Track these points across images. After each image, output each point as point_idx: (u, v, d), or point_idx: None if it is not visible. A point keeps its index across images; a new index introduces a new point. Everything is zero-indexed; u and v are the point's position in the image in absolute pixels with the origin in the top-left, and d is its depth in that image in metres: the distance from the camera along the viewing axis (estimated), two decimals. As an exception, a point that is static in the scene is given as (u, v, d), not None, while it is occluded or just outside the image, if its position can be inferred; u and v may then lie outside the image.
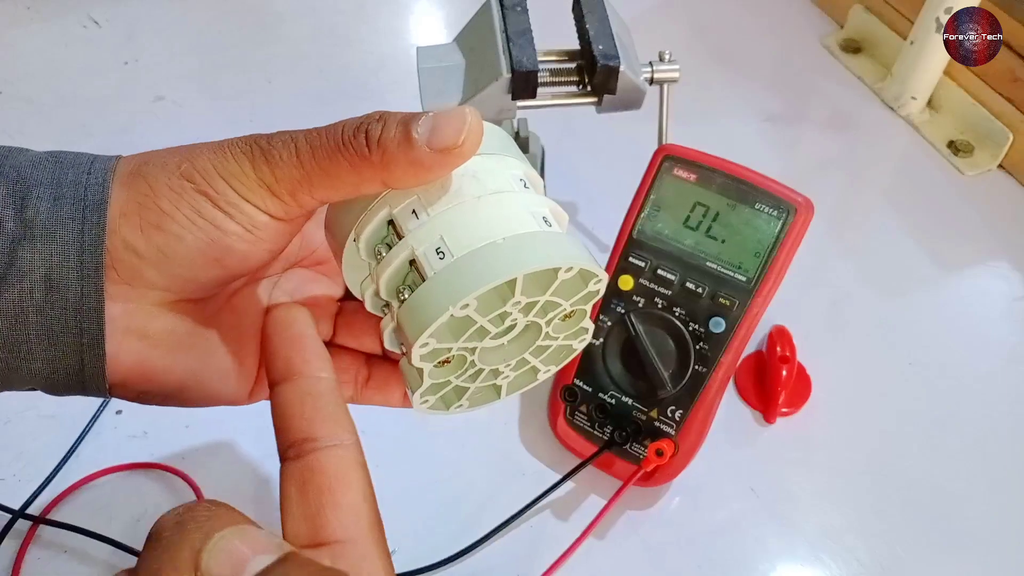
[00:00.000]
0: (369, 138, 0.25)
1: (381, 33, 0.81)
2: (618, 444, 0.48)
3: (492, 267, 0.25)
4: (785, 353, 0.53)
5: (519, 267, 0.25)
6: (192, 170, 0.26)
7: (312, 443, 0.24)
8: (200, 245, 0.26)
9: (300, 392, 0.25)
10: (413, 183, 0.26)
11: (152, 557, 0.20)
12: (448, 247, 0.25)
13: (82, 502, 0.48)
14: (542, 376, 0.32)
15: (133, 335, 0.27)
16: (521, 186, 0.28)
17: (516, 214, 0.26)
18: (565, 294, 0.28)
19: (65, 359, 0.26)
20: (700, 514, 0.49)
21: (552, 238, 0.26)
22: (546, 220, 0.27)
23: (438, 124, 0.25)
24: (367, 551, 0.23)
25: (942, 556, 0.47)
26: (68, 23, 0.80)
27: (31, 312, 0.25)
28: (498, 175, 0.27)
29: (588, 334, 0.31)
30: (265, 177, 0.26)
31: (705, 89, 0.73)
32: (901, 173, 0.69)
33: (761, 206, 0.46)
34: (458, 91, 0.51)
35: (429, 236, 0.26)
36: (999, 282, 0.61)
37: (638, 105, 0.52)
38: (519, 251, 0.25)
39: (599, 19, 0.51)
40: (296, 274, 0.33)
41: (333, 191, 0.26)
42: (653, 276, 0.47)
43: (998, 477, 0.50)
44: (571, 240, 0.27)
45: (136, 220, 0.26)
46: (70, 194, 0.25)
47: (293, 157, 0.26)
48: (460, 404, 0.31)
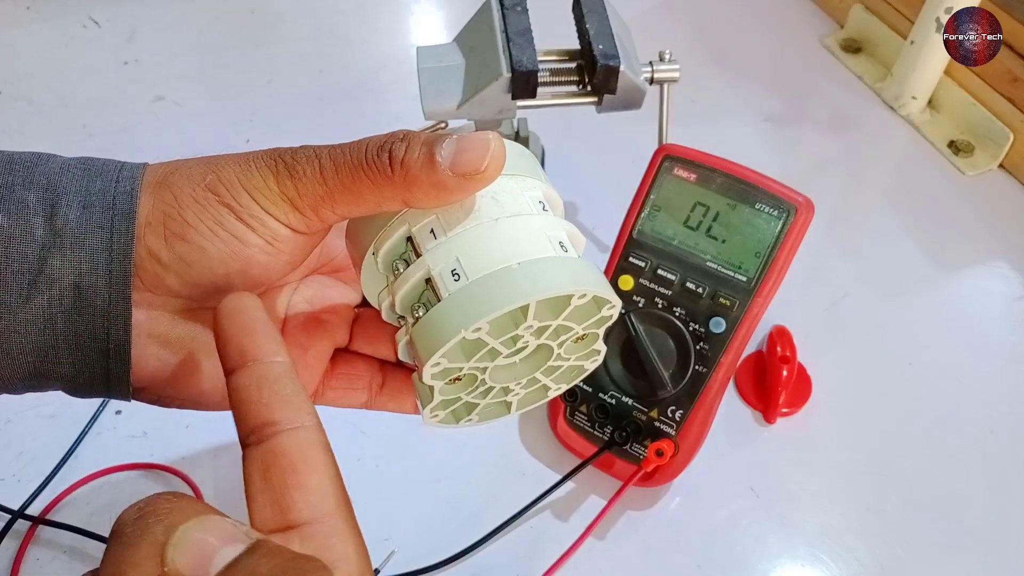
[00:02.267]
0: (393, 158, 0.26)
1: (381, 33, 0.81)
2: (618, 444, 0.48)
3: (506, 292, 0.25)
4: (785, 353, 0.53)
5: (532, 293, 0.25)
6: (217, 182, 0.26)
7: (272, 427, 0.23)
8: (222, 256, 0.26)
9: (256, 377, 0.24)
10: (434, 204, 0.26)
11: (114, 556, 0.19)
12: (464, 269, 0.25)
13: (82, 502, 0.48)
14: (552, 393, 0.32)
15: (156, 341, 0.27)
16: (540, 208, 0.28)
17: (533, 238, 0.26)
18: (578, 319, 0.28)
19: (91, 364, 0.26)
20: (700, 514, 0.49)
21: (567, 264, 0.26)
22: (562, 245, 0.27)
23: (462, 148, 0.26)
24: (336, 528, 0.23)
25: (942, 556, 0.47)
26: (68, 23, 0.80)
27: (60, 318, 0.26)
28: (518, 197, 0.27)
29: (600, 355, 0.31)
30: (288, 192, 0.26)
31: (705, 89, 0.74)
32: (901, 173, 0.69)
33: (761, 206, 0.46)
34: (458, 91, 0.51)
35: (446, 257, 0.26)
36: (999, 282, 0.61)
37: (638, 105, 0.52)
38: (533, 277, 0.25)
39: (599, 19, 0.51)
40: (315, 280, 0.33)
41: (355, 208, 0.27)
42: (653, 276, 0.47)
43: (998, 477, 0.50)
44: (586, 266, 0.27)
45: (161, 230, 0.26)
46: (99, 202, 0.26)
47: (317, 173, 0.26)
48: (470, 418, 0.31)
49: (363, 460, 0.51)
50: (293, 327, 0.32)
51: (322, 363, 0.33)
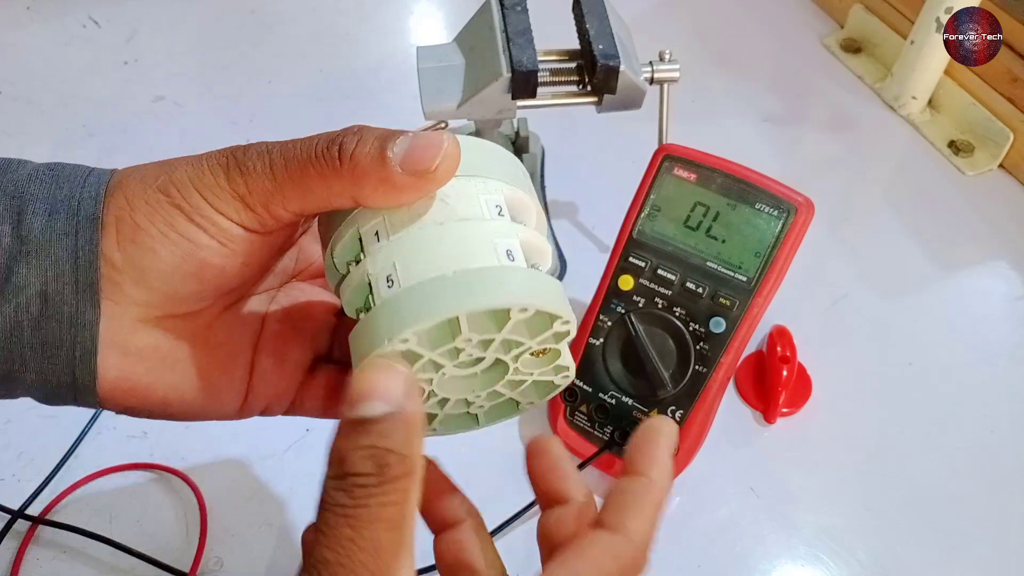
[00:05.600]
0: (342, 151, 0.25)
1: (381, 33, 0.81)
2: (618, 444, 0.48)
3: (431, 303, 0.24)
4: (785, 353, 0.53)
5: (458, 305, 0.24)
6: (168, 183, 0.26)
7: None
8: (175, 260, 0.26)
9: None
10: (384, 203, 0.26)
11: None
12: (398, 276, 0.24)
13: (82, 502, 0.48)
14: (526, 407, 0.31)
15: (115, 350, 0.27)
16: (495, 212, 0.26)
17: (476, 246, 0.25)
18: (525, 333, 0.26)
19: (57, 372, 0.26)
20: (700, 514, 0.49)
21: (507, 274, 0.25)
22: (510, 253, 0.25)
23: (414, 146, 0.25)
24: None
25: (942, 556, 0.47)
26: (68, 23, 0.80)
27: (27, 326, 0.25)
28: (472, 200, 0.26)
29: (569, 372, 0.29)
30: (239, 188, 0.26)
31: (705, 89, 0.74)
32: (901, 173, 0.69)
33: (761, 206, 0.46)
34: (458, 91, 0.51)
35: (384, 261, 0.25)
36: (999, 282, 0.61)
37: (638, 105, 0.52)
38: (464, 288, 0.24)
39: (599, 19, 0.51)
40: (294, 288, 0.33)
41: (305, 203, 0.26)
42: (653, 276, 0.47)
43: (998, 477, 0.50)
44: (531, 277, 0.25)
45: (113, 233, 0.26)
46: (64, 209, 0.26)
47: (267, 168, 0.25)
48: (433, 428, 0.31)
49: (363, 460, 0.51)
50: (269, 335, 0.31)
51: (299, 372, 0.32)
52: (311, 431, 0.52)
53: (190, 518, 0.48)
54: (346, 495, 0.22)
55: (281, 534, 0.48)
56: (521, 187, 0.28)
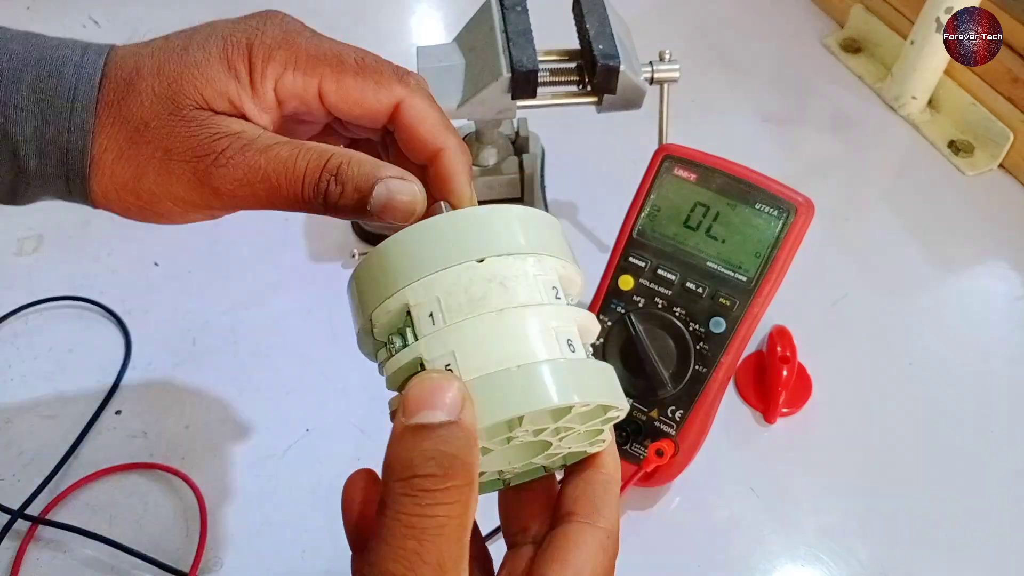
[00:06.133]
0: (327, 201, 0.28)
1: (381, 33, 0.81)
2: (618, 444, 0.48)
3: (500, 402, 0.24)
4: (785, 353, 0.53)
5: (527, 405, 0.24)
6: (139, 188, 0.30)
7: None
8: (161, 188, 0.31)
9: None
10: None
11: None
12: (458, 365, 0.24)
13: (82, 502, 0.48)
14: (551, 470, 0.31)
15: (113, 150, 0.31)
16: (552, 296, 0.26)
17: (538, 337, 0.25)
18: (580, 421, 0.26)
19: (53, 126, 0.29)
20: (700, 514, 0.49)
21: (572, 371, 0.25)
22: (571, 344, 0.25)
23: (390, 199, 0.28)
24: None
25: (942, 556, 0.47)
26: (68, 23, 0.80)
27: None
28: (530, 283, 0.26)
29: (605, 443, 0.29)
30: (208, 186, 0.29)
31: (705, 89, 0.73)
32: (901, 173, 0.69)
33: (761, 206, 0.46)
34: (458, 91, 0.51)
35: (442, 348, 0.24)
36: (999, 282, 0.61)
37: (638, 105, 0.52)
38: (530, 385, 0.24)
39: (599, 19, 0.51)
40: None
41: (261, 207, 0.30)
42: (653, 276, 0.47)
43: (998, 477, 0.50)
44: (592, 369, 0.26)
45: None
46: (53, 154, 0.29)
47: (244, 187, 0.29)
48: None
49: (363, 460, 0.50)
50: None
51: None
52: (311, 431, 0.52)
53: (190, 518, 0.48)
54: (412, 500, 0.22)
55: (281, 534, 0.48)
56: (569, 258, 0.28)
